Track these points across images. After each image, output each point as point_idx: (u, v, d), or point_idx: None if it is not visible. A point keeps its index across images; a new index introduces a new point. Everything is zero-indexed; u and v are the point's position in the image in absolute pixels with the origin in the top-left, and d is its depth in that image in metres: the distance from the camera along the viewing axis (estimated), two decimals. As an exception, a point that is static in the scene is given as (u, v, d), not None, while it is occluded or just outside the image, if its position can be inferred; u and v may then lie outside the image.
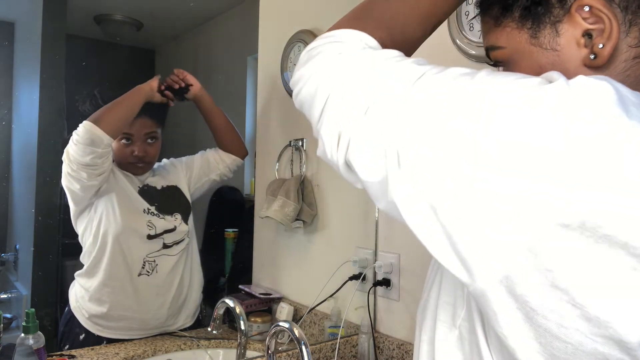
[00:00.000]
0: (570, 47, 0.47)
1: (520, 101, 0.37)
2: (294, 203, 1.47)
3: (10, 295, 1.32)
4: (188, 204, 1.47)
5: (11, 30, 1.32)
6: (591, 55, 0.46)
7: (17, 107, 1.30)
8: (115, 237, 1.28)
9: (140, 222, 1.33)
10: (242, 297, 1.52)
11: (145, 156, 1.37)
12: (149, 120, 1.38)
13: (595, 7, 0.45)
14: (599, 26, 0.45)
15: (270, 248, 1.67)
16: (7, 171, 1.30)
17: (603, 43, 0.45)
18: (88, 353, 1.18)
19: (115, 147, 1.33)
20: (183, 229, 1.41)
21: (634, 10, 0.44)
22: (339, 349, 1.34)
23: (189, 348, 1.30)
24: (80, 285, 1.28)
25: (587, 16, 0.45)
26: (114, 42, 1.57)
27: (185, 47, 1.77)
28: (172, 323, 1.38)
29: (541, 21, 0.48)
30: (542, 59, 0.48)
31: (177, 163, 1.50)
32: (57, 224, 1.23)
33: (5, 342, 0.96)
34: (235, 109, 1.78)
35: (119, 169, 1.35)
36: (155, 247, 1.35)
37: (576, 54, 0.47)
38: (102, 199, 1.28)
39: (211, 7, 1.73)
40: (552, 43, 0.48)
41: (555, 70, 0.40)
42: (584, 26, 0.46)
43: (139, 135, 1.35)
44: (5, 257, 1.32)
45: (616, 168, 0.34)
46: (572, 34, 0.46)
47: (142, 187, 1.38)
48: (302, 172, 1.55)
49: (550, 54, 0.48)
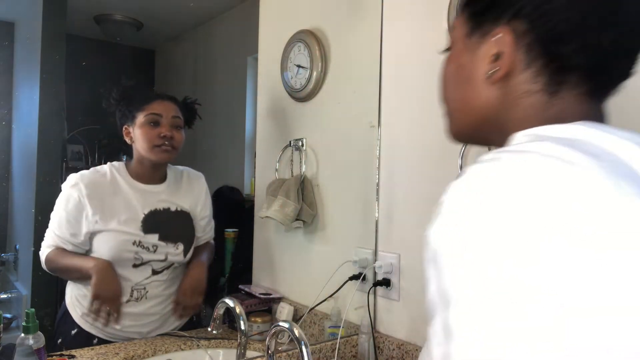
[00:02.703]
0: (482, 58, 0.56)
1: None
2: (294, 203, 1.47)
3: (10, 295, 1.32)
4: (193, 235, 1.41)
5: (11, 30, 1.32)
6: (489, 73, 0.55)
7: (17, 107, 1.30)
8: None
9: (127, 254, 1.26)
10: (242, 297, 1.52)
11: (173, 139, 1.32)
12: (175, 106, 1.35)
13: (504, 38, 0.54)
14: (503, 53, 0.54)
15: (270, 248, 1.67)
16: (7, 171, 1.30)
17: (499, 67, 0.54)
18: (88, 353, 1.18)
19: (141, 132, 1.30)
20: (177, 259, 1.35)
21: (533, 56, 0.52)
22: (339, 349, 1.34)
23: (189, 348, 1.30)
24: (74, 285, 1.28)
25: (498, 42, 0.54)
26: (114, 42, 1.58)
27: (185, 47, 1.77)
28: (168, 325, 1.37)
29: (476, 28, 0.57)
30: (464, 57, 0.59)
31: (199, 186, 1.45)
32: (57, 224, 1.23)
33: (5, 342, 0.96)
34: (235, 109, 1.79)
35: (137, 180, 1.31)
36: (144, 275, 1.29)
37: (483, 65, 0.56)
38: (103, 219, 1.24)
39: (211, 7, 1.73)
40: (474, 48, 0.57)
41: (466, 73, 0.56)
42: (495, 48, 0.55)
43: (167, 116, 1.32)
44: (5, 257, 1.32)
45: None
46: (487, 49, 0.55)
47: (152, 211, 1.31)
48: (302, 172, 1.55)
49: (469, 56, 0.58)
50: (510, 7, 0.53)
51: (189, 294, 1.34)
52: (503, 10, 0.54)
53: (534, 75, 0.53)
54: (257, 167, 1.72)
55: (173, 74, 1.84)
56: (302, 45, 1.55)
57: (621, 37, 0.50)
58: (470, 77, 0.58)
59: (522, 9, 0.52)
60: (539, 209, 0.40)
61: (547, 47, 0.52)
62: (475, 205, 0.42)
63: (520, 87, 0.54)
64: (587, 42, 0.50)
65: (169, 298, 1.35)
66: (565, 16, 0.50)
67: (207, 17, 1.74)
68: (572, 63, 0.51)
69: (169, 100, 1.35)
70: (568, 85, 0.52)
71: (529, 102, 0.53)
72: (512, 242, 0.39)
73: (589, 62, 0.51)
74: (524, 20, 0.52)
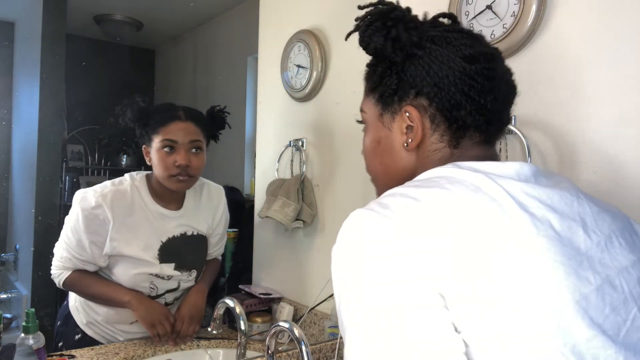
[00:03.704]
0: (398, 132, 0.67)
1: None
2: (294, 203, 1.47)
3: (10, 295, 1.32)
4: (205, 258, 1.39)
5: (11, 30, 1.32)
6: (405, 143, 0.67)
7: (17, 107, 1.30)
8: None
9: (143, 283, 1.24)
10: (242, 297, 1.52)
11: (189, 167, 1.22)
12: (195, 127, 1.25)
13: (412, 114, 0.65)
14: (413, 126, 0.66)
15: (270, 248, 1.67)
16: (7, 171, 1.30)
17: (412, 138, 0.66)
18: (88, 353, 1.18)
19: (157, 157, 1.22)
20: (189, 285, 1.33)
21: (437, 123, 0.65)
22: (339, 349, 1.34)
23: (189, 348, 1.30)
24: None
25: (408, 118, 0.66)
26: (114, 42, 1.58)
27: (185, 47, 1.77)
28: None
29: (386, 108, 0.68)
30: (381, 133, 0.70)
31: (218, 202, 1.41)
32: (57, 224, 1.23)
33: (5, 342, 0.96)
34: (235, 109, 1.79)
35: (157, 200, 1.26)
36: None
37: (399, 137, 0.67)
38: (123, 242, 1.19)
39: (211, 7, 1.73)
40: (389, 125, 0.69)
41: (386, 145, 0.69)
42: (406, 122, 0.66)
43: (183, 142, 1.22)
44: (5, 257, 1.32)
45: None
46: (400, 124, 0.67)
47: (169, 239, 1.27)
48: (302, 172, 1.55)
49: (386, 132, 0.69)
50: (412, 89, 0.65)
51: (187, 321, 1.28)
52: (406, 93, 0.66)
53: (440, 136, 0.65)
54: (257, 167, 1.72)
55: (173, 74, 1.84)
56: (302, 45, 1.55)
57: (498, 98, 0.64)
58: (391, 148, 0.69)
59: (422, 89, 0.64)
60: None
61: (448, 113, 0.64)
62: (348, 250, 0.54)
63: (431, 147, 0.66)
64: (476, 105, 0.63)
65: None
66: (456, 89, 0.62)
67: (207, 17, 1.74)
68: (468, 122, 0.64)
69: (188, 120, 1.24)
70: (466, 138, 0.65)
71: (438, 156, 0.66)
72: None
73: (480, 119, 0.64)
74: (425, 97, 0.64)
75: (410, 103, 0.66)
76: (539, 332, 0.47)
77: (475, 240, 0.50)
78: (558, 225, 0.54)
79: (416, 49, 0.64)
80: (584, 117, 0.94)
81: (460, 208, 0.52)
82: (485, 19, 1.08)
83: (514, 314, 0.47)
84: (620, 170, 0.89)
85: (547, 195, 0.56)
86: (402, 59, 0.65)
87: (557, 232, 0.53)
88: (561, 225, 0.54)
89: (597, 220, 0.58)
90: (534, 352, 0.47)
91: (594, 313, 0.50)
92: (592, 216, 0.58)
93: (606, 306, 0.51)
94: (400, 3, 0.69)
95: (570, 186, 0.61)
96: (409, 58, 0.65)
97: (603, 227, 0.58)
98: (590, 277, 0.52)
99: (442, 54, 0.63)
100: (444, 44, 0.64)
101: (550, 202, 0.56)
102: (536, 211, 0.54)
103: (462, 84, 0.62)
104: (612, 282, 0.53)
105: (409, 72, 0.65)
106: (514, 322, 0.47)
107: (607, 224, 0.58)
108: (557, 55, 0.98)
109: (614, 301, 0.52)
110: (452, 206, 0.53)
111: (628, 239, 0.60)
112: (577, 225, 0.55)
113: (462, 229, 0.51)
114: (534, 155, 1.01)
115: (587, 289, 0.51)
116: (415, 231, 0.51)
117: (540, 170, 0.62)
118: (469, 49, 0.63)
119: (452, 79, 0.62)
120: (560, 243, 0.52)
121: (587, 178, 0.93)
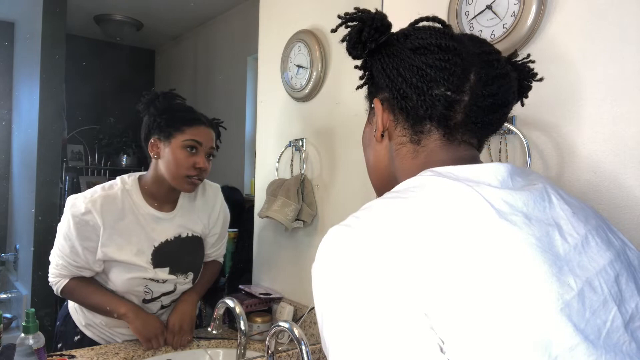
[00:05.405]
0: (372, 124, 0.72)
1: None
2: (294, 203, 1.47)
3: (10, 295, 1.32)
4: (202, 260, 1.38)
5: (11, 30, 1.32)
6: (374, 135, 0.70)
7: (17, 107, 1.30)
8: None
9: (137, 287, 1.24)
10: (242, 297, 1.52)
11: (205, 171, 1.25)
12: (214, 134, 1.28)
13: (376, 106, 0.69)
14: (377, 118, 0.69)
15: (270, 248, 1.67)
16: (7, 171, 1.30)
17: (375, 129, 0.70)
18: (88, 353, 1.18)
19: (174, 155, 1.22)
20: (186, 287, 1.33)
21: (396, 114, 0.67)
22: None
23: (189, 348, 1.30)
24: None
25: (373, 110, 0.70)
26: (114, 42, 1.57)
27: (185, 47, 1.77)
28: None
29: (369, 104, 0.74)
30: (366, 129, 0.75)
31: (214, 200, 1.40)
32: (57, 224, 1.23)
33: (5, 342, 0.96)
34: (235, 109, 1.78)
35: (150, 203, 1.25)
36: (152, 309, 1.28)
37: (372, 130, 0.71)
38: (115, 248, 1.19)
39: (211, 7, 1.73)
40: (370, 119, 0.73)
41: (368, 139, 0.74)
42: (375, 116, 0.70)
43: (206, 145, 1.25)
44: (5, 257, 1.32)
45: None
46: (373, 117, 0.71)
47: (162, 243, 1.26)
48: (302, 172, 1.55)
49: (369, 126, 0.74)
50: (378, 84, 0.69)
51: (177, 333, 1.27)
52: (377, 88, 0.70)
53: (402, 129, 0.67)
54: (257, 167, 1.72)
55: (173, 74, 1.84)
56: (302, 45, 1.55)
57: (462, 91, 0.63)
58: (369, 142, 0.73)
59: (381, 83, 0.67)
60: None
61: (400, 103, 0.65)
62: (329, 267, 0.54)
63: (397, 140, 0.68)
64: (424, 95, 0.63)
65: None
66: (403, 79, 0.64)
67: (207, 17, 1.74)
68: (420, 113, 0.64)
69: (210, 127, 1.27)
70: (427, 134, 0.65)
71: (403, 152, 0.67)
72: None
73: (433, 112, 0.64)
74: (385, 90, 0.67)
75: (376, 96, 0.70)
76: (521, 345, 0.47)
77: (456, 253, 0.50)
78: (537, 231, 0.54)
79: (377, 46, 0.67)
80: (583, 117, 0.94)
81: (438, 220, 0.52)
82: (485, 19, 1.08)
83: (497, 328, 0.47)
84: (620, 170, 0.89)
85: (523, 202, 0.56)
86: (370, 57, 0.69)
87: (538, 239, 0.53)
88: (540, 231, 0.54)
89: (572, 222, 0.58)
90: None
91: (577, 319, 0.50)
92: (566, 219, 0.58)
93: (587, 310, 0.51)
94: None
95: (542, 187, 0.61)
96: (372, 55, 0.68)
97: (579, 228, 0.57)
98: (572, 282, 0.52)
99: (396, 48, 0.66)
100: (402, 39, 0.66)
101: (526, 210, 0.56)
102: (516, 219, 0.54)
103: (411, 75, 0.63)
104: (591, 284, 0.53)
105: (374, 69, 0.69)
106: (497, 337, 0.47)
107: (582, 224, 0.58)
108: (557, 55, 0.98)
109: (593, 304, 0.52)
110: (430, 219, 0.52)
111: (603, 236, 0.59)
112: (553, 230, 0.55)
113: (442, 241, 0.50)
114: (534, 155, 1.01)
115: (569, 295, 0.50)
116: (393, 246, 0.50)
117: (515, 170, 0.62)
118: (420, 40, 0.64)
119: (401, 70, 0.64)
120: (541, 250, 0.52)
121: (587, 178, 0.93)
